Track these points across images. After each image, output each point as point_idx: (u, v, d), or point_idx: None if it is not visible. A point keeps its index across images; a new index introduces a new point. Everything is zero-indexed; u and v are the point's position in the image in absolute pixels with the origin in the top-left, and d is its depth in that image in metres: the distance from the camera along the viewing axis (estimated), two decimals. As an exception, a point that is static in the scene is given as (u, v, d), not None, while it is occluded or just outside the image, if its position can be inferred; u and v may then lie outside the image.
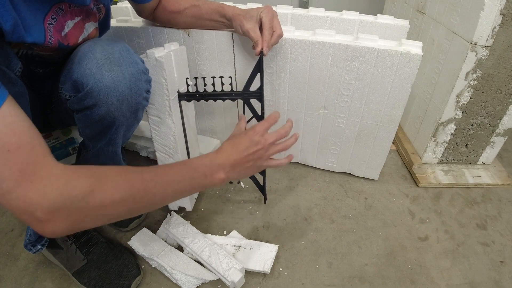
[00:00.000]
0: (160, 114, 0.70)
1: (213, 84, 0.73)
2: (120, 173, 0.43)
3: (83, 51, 0.55)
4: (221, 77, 0.75)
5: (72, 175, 0.39)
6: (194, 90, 0.74)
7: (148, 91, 0.62)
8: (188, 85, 0.76)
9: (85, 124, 0.59)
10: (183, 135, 0.77)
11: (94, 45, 0.55)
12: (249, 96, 0.74)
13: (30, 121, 0.40)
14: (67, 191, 0.37)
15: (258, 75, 0.71)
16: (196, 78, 0.73)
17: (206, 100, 0.75)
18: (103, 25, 0.70)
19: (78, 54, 0.56)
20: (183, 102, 0.74)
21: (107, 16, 0.69)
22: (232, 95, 0.74)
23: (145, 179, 0.45)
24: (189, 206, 0.84)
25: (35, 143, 0.38)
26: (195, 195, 0.88)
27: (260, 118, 0.75)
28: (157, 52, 0.64)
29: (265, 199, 0.89)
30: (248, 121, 0.77)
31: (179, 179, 0.50)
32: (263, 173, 0.83)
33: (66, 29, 0.57)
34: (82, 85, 0.53)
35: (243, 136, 0.59)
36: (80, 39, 0.61)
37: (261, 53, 0.69)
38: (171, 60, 0.67)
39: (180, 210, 0.86)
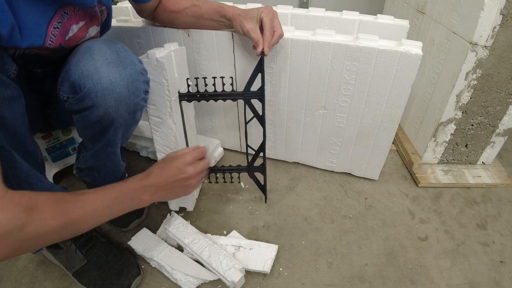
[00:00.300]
0: (161, 114, 0.70)
1: (214, 85, 0.73)
2: (54, 203, 0.45)
3: (81, 52, 0.55)
4: (222, 77, 0.75)
5: (13, 205, 0.40)
6: (195, 90, 0.74)
7: (146, 92, 0.62)
8: (188, 86, 0.76)
9: (84, 125, 0.59)
10: (184, 135, 0.77)
11: (92, 46, 0.55)
12: (250, 96, 0.74)
13: None
14: (7, 222, 0.39)
15: (259, 75, 0.71)
16: (196, 78, 0.73)
17: (207, 101, 0.75)
18: (105, 26, 0.70)
19: (76, 55, 0.56)
20: (184, 103, 0.74)
21: (109, 17, 0.69)
22: (233, 95, 0.74)
23: (77, 208, 0.47)
24: (190, 206, 0.84)
25: None
26: (196, 195, 0.88)
27: (261, 118, 0.75)
28: (158, 53, 0.64)
29: (266, 198, 0.89)
30: (248, 121, 0.77)
31: (108, 204, 0.52)
32: (263, 172, 0.83)
33: (71, 34, 0.57)
34: (79, 87, 0.53)
35: (173, 163, 0.63)
36: (80, 42, 0.61)
37: (262, 54, 0.69)
38: (172, 60, 0.67)
39: (180, 210, 0.86)
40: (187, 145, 0.79)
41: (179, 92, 0.72)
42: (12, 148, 0.48)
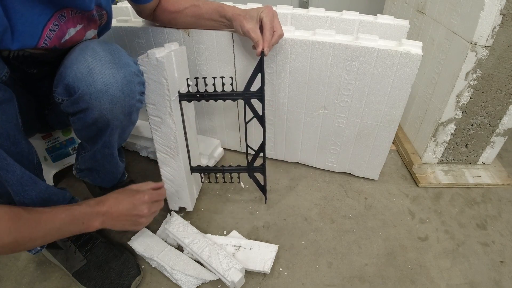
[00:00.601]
0: (160, 114, 0.70)
1: (214, 84, 0.73)
2: (11, 218, 0.46)
3: (75, 54, 0.55)
4: (222, 77, 0.75)
5: None
6: (195, 90, 0.74)
7: (142, 93, 0.62)
8: (188, 85, 0.76)
9: (80, 127, 0.59)
10: (183, 135, 0.77)
11: (86, 48, 0.55)
12: (250, 96, 0.74)
13: None
14: None
15: (259, 75, 0.71)
16: (196, 78, 0.73)
17: (207, 100, 0.75)
18: (104, 28, 0.70)
19: (70, 57, 0.55)
20: (183, 102, 0.74)
21: (109, 20, 0.69)
22: (233, 95, 0.74)
23: (31, 225, 0.48)
24: (190, 206, 0.84)
25: None
26: (196, 195, 0.88)
27: (260, 118, 0.75)
28: (158, 52, 0.63)
29: (266, 198, 0.89)
30: (248, 121, 0.77)
31: (60, 226, 0.53)
32: (263, 172, 0.83)
33: (67, 36, 0.57)
34: (73, 89, 0.53)
35: (129, 197, 0.64)
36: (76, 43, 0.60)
37: (262, 54, 0.69)
38: (172, 60, 0.66)
39: (180, 210, 0.85)
40: (187, 145, 0.79)
41: (179, 92, 0.72)
42: (4, 151, 0.48)
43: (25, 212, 0.49)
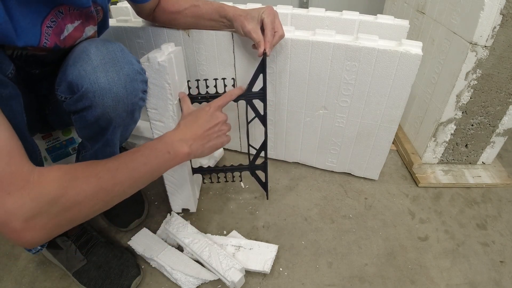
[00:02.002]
0: (163, 119, 0.69)
1: (215, 86, 0.73)
2: (88, 168, 0.44)
3: (78, 52, 0.55)
4: (224, 79, 0.75)
5: (45, 180, 0.39)
6: (195, 92, 0.74)
7: (144, 91, 0.62)
8: (189, 88, 0.76)
9: (82, 125, 0.59)
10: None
11: (89, 46, 0.55)
12: (252, 96, 0.74)
13: (10, 128, 0.41)
14: (43, 197, 0.38)
15: (261, 75, 0.71)
16: (197, 80, 0.73)
17: (208, 102, 0.74)
18: (102, 26, 0.70)
19: (72, 55, 0.56)
20: None
21: (105, 17, 0.68)
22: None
23: (111, 168, 0.46)
24: (193, 208, 0.84)
25: (13, 152, 0.39)
26: (197, 196, 0.88)
27: (262, 117, 0.75)
28: (159, 56, 0.62)
29: (267, 195, 0.89)
30: (250, 122, 0.77)
31: (144, 161, 0.50)
32: (265, 170, 0.83)
33: (66, 33, 0.57)
34: (77, 87, 0.53)
35: (200, 111, 0.61)
36: (77, 42, 0.60)
37: (264, 54, 0.69)
38: (173, 63, 0.66)
39: (181, 210, 0.86)
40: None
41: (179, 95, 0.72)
42: None
43: (101, 160, 0.47)
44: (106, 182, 0.44)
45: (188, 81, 0.77)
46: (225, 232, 0.81)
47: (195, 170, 0.82)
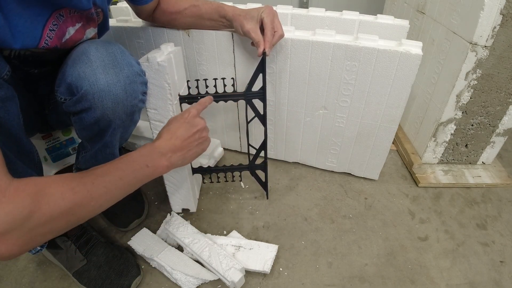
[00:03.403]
0: (163, 119, 0.69)
1: (215, 86, 0.73)
2: (63, 183, 0.43)
3: (78, 54, 0.55)
4: (223, 79, 0.75)
5: (20, 195, 0.38)
6: (195, 92, 0.74)
7: (144, 93, 0.62)
8: (189, 88, 0.76)
9: (82, 126, 0.59)
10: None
11: (89, 48, 0.55)
12: (252, 96, 0.74)
13: None
14: (16, 213, 0.37)
15: (260, 75, 0.71)
16: (197, 80, 0.73)
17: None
18: (102, 27, 0.70)
19: (72, 57, 0.56)
20: (184, 105, 0.74)
21: (105, 19, 0.68)
22: (234, 96, 0.74)
23: (87, 183, 0.44)
24: (193, 208, 0.84)
25: None
26: (197, 196, 0.88)
27: (262, 117, 0.75)
28: (159, 56, 0.63)
29: (267, 194, 0.89)
30: (249, 121, 0.77)
31: (120, 175, 0.48)
32: (265, 169, 0.83)
33: (67, 36, 0.57)
34: (76, 88, 0.53)
35: (179, 119, 0.59)
36: (77, 43, 0.60)
37: (264, 54, 0.69)
38: (172, 63, 0.66)
39: (181, 210, 0.86)
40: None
41: (179, 95, 0.72)
42: (6, 148, 0.48)
43: (75, 173, 0.45)
44: (81, 197, 0.43)
45: (188, 81, 0.77)
46: (225, 232, 0.81)
47: (195, 170, 0.82)
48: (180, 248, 0.76)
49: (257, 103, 0.74)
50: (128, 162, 0.50)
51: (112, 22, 0.88)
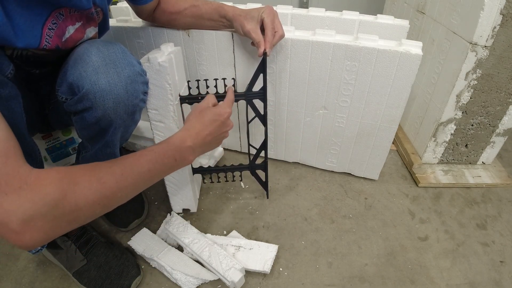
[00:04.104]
0: (164, 119, 0.69)
1: (215, 86, 0.73)
2: (90, 172, 0.42)
3: (79, 53, 0.55)
4: (224, 79, 0.75)
5: (44, 181, 0.38)
6: (195, 92, 0.74)
7: (145, 93, 0.62)
8: (189, 88, 0.76)
9: (82, 126, 0.59)
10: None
11: (90, 47, 0.55)
12: (252, 96, 0.74)
13: (8, 128, 0.39)
14: (41, 199, 0.37)
15: (261, 75, 0.71)
16: (198, 80, 0.73)
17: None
18: (102, 27, 0.70)
19: (73, 56, 0.56)
20: (184, 105, 0.74)
21: (105, 18, 0.68)
22: (235, 96, 0.74)
23: (116, 174, 0.44)
24: (194, 208, 0.84)
25: (10, 153, 0.38)
26: (197, 196, 0.88)
27: (263, 117, 0.75)
28: (159, 56, 0.62)
29: (267, 194, 0.89)
30: (250, 121, 0.77)
31: (149, 168, 0.48)
32: (265, 169, 0.83)
33: (67, 35, 0.57)
34: (78, 88, 0.53)
35: (215, 115, 0.60)
36: (78, 43, 0.60)
37: (264, 54, 0.69)
38: (173, 63, 0.66)
39: (182, 211, 0.86)
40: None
41: (180, 95, 0.72)
42: None
43: (104, 163, 0.44)
44: (109, 188, 0.43)
45: (188, 81, 0.77)
46: (225, 232, 0.81)
47: (195, 170, 0.82)
48: (180, 248, 0.76)
49: (258, 103, 0.74)
50: (158, 154, 0.50)
51: (112, 22, 0.88)
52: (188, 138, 0.55)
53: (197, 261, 0.72)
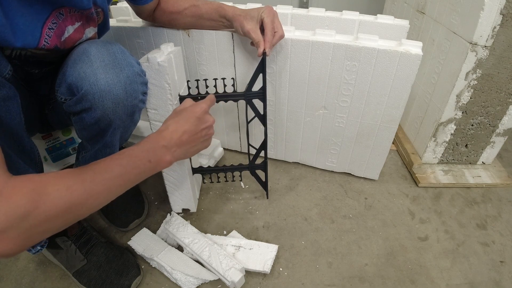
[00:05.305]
0: (163, 119, 0.69)
1: (215, 86, 0.73)
2: (59, 181, 0.41)
3: (78, 54, 0.55)
4: (223, 79, 0.75)
5: (17, 193, 0.37)
6: (195, 92, 0.74)
7: (144, 93, 0.62)
8: (189, 88, 0.76)
9: (82, 126, 0.59)
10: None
11: (89, 48, 0.55)
12: (252, 96, 0.74)
13: None
14: (13, 212, 0.36)
15: (260, 75, 0.71)
16: (197, 80, 0.73)
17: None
18: (102, 27, 0.70)
19: (72, 57, 0.56)
20: None
21: (106, 19, 0.68)
22: (234, 96, 0.74)
23: (85, 181, 0.43)
24: (193, 208, 0.84)
25: None
26: (197, 196, 0.88)
27: (262, 117, 0.75)
28: (159, 56, 0.62)
29: (267, 194, 0.89)
30: (249, 121, 0.77)
31: (121, 172, 0.46)
32: (265, 169, 0.83)
33: (66, 34, 0.57)
34: (77, 89, 0.53)
35: (189, 112, 0.57)
36: (77, 43, 0.60)
37: (264, 54, 0.69)
38: (172, 63, 0.66)
39: (181, 210, 0.86)
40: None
41: (179, 95, 0.72)
42: (8, 148, 0.48)
43: (74, 170, 0.43)
44: (79, 196, 0.42)
45: (188, 81, 0.77)
46: (225, 232, 0.81)
47: (195, 170, 0.82)
48: (180, 248, 0.76)
49: (257, 103, 0.74)
50: (129, 157, 0.48)
51: (112, 22, 0.88)
52: (162, 138, 0.52)
53: (197, 261, 0.72)
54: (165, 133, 0.53)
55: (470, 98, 0.85)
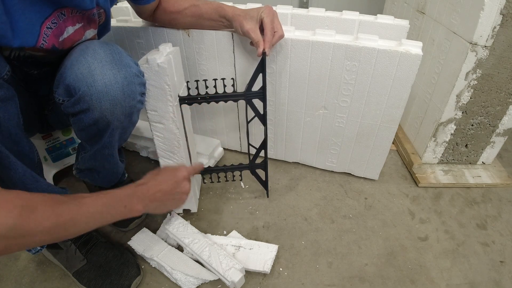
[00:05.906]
0: (163, 120, 0.69)
1: (215, 86, 0.73)
2: (48, 203, 0.44)
3: (76, 55, 0.55)
4: (223, 79, 0.75)
5: (6, 205, 0.39)
6: (194, 92, 0.74)
7: (142, 94, 0.62)
8: (189, 88, 0.76)
9: (80, 127, 0.59)
10: (185, 138, 0.77)
11: (86, 49, 0.55)
12: (252, 96, 0.74)
13: None
14: (2, 220, 0.38)
15: (260, 75, 0.71)
16: (197, 81, 0.73)
17: (208, 103, 0.74)
18: (103, 28, 0.70)
19: (70, 58, 0.55)
20: (183, 106, 0.74)
21: (107, 20, 0.68)
22: (234, 96, 0.74)
23: (72, 210, 0.46)
24: (194, 208, 0.84)
25: None
26: (197, 196, 0.88)
27: (262, 117, 0.75)
28: (158, 57, 0.62)
29: (267, 193, 0.89)
30: (249, 121, 0.77)
31: (102, 210, 0.51)
32: (265, 168, 0.83)
33: (65, 35, 0.57)
34: (74, 90, 0.53)
35: (170, 175, 0.63)
36: (75, 44, 0.60)
37: (264, 54, 0.69)
38: (171, 64, 0.66)
39: (181, 210, 0.85)
40: (188, 147, 0.79)
41: (179, 96, 0.72)
42: (6, 149, 0.48)
43: (64, 197, 0.47)
44: (63, 222, 0.45)
45: (187, 81, 0.77)
46: (225, 232, 0.81)
47: (195, 170, 0.82)
48: (180, 248, 0.76)
49: (257, 103, 0.74)
50: (111, 199, 0.53)
51: (112, 22, 0.88)
52: (139, 191, 0.58)
53: (197, 261, 0.72)
54: (143, 187, 0.59)
55: (470, 98, 0.85)
